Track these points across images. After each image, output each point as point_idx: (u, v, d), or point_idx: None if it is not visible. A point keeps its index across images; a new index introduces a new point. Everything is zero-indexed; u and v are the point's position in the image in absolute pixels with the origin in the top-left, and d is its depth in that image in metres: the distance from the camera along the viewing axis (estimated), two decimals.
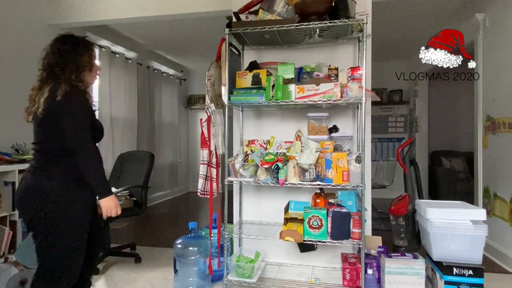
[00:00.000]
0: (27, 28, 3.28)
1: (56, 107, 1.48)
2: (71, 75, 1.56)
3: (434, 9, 3.64)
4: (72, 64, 1.58)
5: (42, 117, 1.50)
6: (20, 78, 3.20)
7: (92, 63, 1.67)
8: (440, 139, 5.87)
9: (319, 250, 2.49)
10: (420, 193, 2.82)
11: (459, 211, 2.00)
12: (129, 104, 4.72)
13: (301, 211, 2.09)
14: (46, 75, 1.60)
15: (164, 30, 4.39)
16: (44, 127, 1.52)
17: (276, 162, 2.12)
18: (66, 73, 1.56)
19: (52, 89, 1.51)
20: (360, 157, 2.03)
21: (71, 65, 1.58)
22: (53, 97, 1.48)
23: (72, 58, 1.59)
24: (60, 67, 1.57)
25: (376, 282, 2.19)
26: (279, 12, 2.26)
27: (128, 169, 3.22)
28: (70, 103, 1.50)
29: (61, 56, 1.59)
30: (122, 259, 2.99)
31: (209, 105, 2.64)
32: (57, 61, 1.59)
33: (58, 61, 1.59)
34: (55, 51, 1.61)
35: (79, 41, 1.66)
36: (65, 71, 1.56)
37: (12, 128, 3.11)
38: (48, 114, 1.49)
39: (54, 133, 1.50)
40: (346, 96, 2.07)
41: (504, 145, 2.82)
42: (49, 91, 1.51)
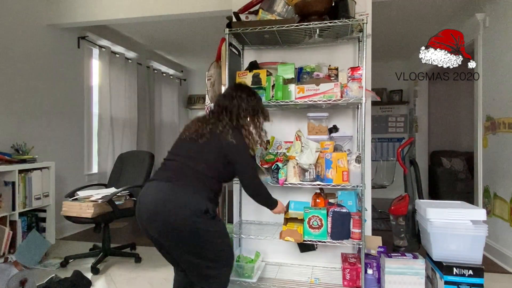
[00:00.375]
0: (26, 28, 3.28)
1: (233, 145, 1.61)
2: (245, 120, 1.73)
3: (434, 9, 3.64)
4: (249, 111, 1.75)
5: (221, 147, 1.61)
6: (20, 78, 3.21)
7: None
8: (440, 139, 5.86)
9: (319, 250, 2.49)
10: (420, 193, 2.82)
11: (459, 211, 2.00)
12: (129, 104, 4.72)
13: (301, 211, 2.09)
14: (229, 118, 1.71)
15: (164, 30, 4.39)
16: (216, 156, 1.61)
17: (276, 162, 2.13)
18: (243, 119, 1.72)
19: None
20: (360, 157, 2.03)
21: (248, 111, 1.74)
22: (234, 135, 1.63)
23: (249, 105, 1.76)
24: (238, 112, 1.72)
25: (376, 282, 2.19)
26: (279, 12, 2.26)
27: (128, 169, 3.22)
28: (245, 145, 1.67)
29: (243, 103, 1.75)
30: (122, 259, 2.99)
31: (209, 105, 2.64)
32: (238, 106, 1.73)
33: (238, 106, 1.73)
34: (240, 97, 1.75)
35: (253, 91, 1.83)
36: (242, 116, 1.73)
37: (12, 128, 3.11)
38: (227, 147, 1.61)
39: (227, 166, 1.63)
40: (346, 96, 2.07)
41: (504, 145, 2.82)
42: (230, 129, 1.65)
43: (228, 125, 1.64)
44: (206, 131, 1.61)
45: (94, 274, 2.64)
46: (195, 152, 1.60)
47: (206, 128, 1.63)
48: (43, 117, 3.44)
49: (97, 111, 4.21)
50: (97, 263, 2.71)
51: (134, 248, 3.20)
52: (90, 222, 2.64)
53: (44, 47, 3.48)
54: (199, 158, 1.59)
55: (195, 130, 1.64)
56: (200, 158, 1.59)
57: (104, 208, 2.68)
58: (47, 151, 3.42)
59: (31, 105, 3.31)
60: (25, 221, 2.93)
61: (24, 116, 3.23)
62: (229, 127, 1.64)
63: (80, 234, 3.78)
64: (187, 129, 1.69)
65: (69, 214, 2.66)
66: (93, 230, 2.84)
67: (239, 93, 1.74)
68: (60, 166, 3.54)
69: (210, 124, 1.64)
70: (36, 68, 3.38)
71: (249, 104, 1.73)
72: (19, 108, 3.18)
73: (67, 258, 2.81)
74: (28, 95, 3.28)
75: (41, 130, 3.41)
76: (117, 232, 3.86)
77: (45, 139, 3.45)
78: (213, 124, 1.64)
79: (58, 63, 3.64)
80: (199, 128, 1.64)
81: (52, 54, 3.57)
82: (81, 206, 2.62)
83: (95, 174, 4.17)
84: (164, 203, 1.49)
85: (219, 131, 1.61)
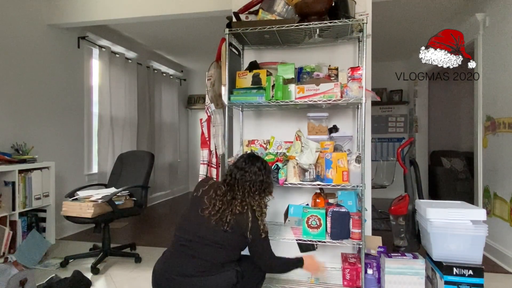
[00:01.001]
0: (26, 28, 3.28)
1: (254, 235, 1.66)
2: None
3: (434, 9, 3.64)
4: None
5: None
6: (20, 78, 3.21)
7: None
8: (440, 139, 5.86)
9: (319, 250, 2.49)
10: (420, 193, 2.82)
11: (459, 211, 2.00)
12: (129, 104, 4.72)
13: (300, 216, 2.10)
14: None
15: (164, 30, 4.39)
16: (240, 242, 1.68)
17: (276, 162, 2.12)
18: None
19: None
20: (360, 157, 2.03)
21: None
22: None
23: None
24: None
25: (376, 282, 2.19)
26: (279, 12, 2.26)
27: (128, 169, 3.22)
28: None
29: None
30: (122, 259, 2.99)
31: (209, 105, 2.64)
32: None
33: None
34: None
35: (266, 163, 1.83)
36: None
37: (12, 128, 3.11)
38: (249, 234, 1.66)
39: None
40: (346, 96, 2.06)
41: (504, 145, 2.82)
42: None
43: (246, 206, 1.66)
44: (227, 215, 1.62)
45: (94, 274, 2.64)
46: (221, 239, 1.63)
47: (226, 209, 1.64)
48: (43, 117, 3.44)
49: (97, 111, 4.21)
50: (97, 263, 2.71)
51: (134, 248, 3.20)
52: (90, 222, 2.64)
53: (44, 47, 3.48)
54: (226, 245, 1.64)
55: (216, 211, 1.64)
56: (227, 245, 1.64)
57: (104, 208, 2.68)
58: (47, 151, 3.42)
59: (31, 105, 3.31)
60: (25, 221, 2.93)
61: (24, 116, 3.23)
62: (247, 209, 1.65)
63: (80, 234, 3.78)
64: (209, 203, 1.67)
65: (69, 214, 2.66)
66: (93, 230, 2.84)
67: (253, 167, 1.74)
68: (60, 166, 3.54)
69: (227, 204, 1.65)
70: (36, 68, 3.38)
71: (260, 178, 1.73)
72: (19, 108, 3.18)
73: (67, 258, 2.81)
74: (28, 95, 3.28)
75: (41, 130, 3.41)
76: (117, 232, 3.86)
77: (45, 139, 3.45)
78: (230, 204, 1.65)
79: (58, 63, 3.64)
80: (221, 210, 1.64)
81: (52, 54, 3.57)
82: (81, 206, 2.62)
83: (95, 174, 4.17)
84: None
85: (240, 215, 1.63)
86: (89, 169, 4.16)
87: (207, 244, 1.62)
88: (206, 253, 1.61)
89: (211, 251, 1.62)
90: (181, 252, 1.64)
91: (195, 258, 1.61)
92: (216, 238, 1.62)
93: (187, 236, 1.66)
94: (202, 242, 1.62)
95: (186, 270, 1.60)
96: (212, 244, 1.62)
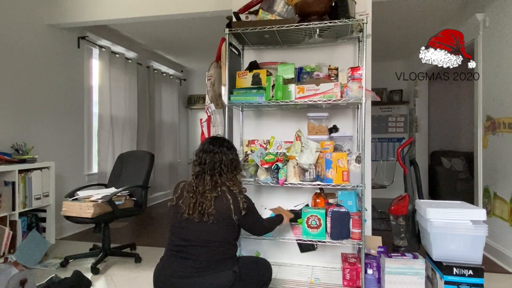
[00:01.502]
0: (26, 28, 3.28)
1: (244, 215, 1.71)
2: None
3: (434, 9, 3.64)
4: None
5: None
6: (20, 78, 3.21)
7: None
8: (440, 139, 5.86)
9: (319, 250, 2.49)
10: (420, 193, 2.82)
11: (459, 211, 2.00)
12: (129, 104, 4.72)
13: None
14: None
15: (164, 30, 4.39)
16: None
17: (276, 162, 2.12)
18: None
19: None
20: (360, 157, 2.03)
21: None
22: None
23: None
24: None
25: (376, 282, 2.19)
26: (279, 12, 2.26)
27: (128, 169, 3.22)
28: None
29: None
30: (122, 259, 2.99)
31: (209, 105, 2.64)
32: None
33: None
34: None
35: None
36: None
37: (12, 128, 3.11)
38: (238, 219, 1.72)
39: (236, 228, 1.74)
40: (346, 96, 2.06)
41: (504, 145, 2.82)
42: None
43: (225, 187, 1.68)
44: (206, 207, 1.62)
45: (94, 274, 2.64)
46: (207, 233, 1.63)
47: (202, 201, 1.64)
48: (43, 117, 3.44)
49: (97, 111, 4.21)
50: (97, 263, 2.71)
51: (134, 248, 3.20)
52: (90, 222, 2.64)
53: (44, 47, 3.48)
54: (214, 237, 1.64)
55: (193, 208, 1.64)
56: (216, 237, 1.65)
57: (104, 208, 2.68)
58: (47, 151, 3.42)
59: (31, 105, 3.31)
60: (25, 221, 2.93)
61: (24, 116, 3.23)
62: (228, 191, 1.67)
63: (80, 234, 3.78)
64: (184, 206, 1.67)
65: (69, 214, 2.66)
66: (93, 230, 2.84)
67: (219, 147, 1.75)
68: (60, 166, 3.54)
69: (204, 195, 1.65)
70: (36, 68, 3.38)
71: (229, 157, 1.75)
72: (19, 108, 3.18)
73: (67, 258, 2.81)
74: (28, 95, 3.28)
75: (41, 130, 3.41)
76: (117, 232, 3.86)
77: (45, 139, 3.45)
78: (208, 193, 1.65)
79: (58, 63, 3.64)
80: (197, 204, 1.64)
81: (52, 54, 3.57)
82: (81, 206, 2.62)
83: (95, 174, 4.17)
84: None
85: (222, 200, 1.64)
86: (89, 169, 4.16)
87: (198, 245, 1.62)
88: (200, 253, 1.61)
89: (204, 251, 1.61)
90: (176, 257, 1.65)
91: (190, 260, 1.61)
92: (204, 237, 1.62)
93: (178, 242, 1.66)
94: (193, 245, 1.62)
95: (183, 270, 1.60)
96: (204, 244, 1.62)
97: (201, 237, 1.62)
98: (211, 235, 1.62)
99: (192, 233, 1.63)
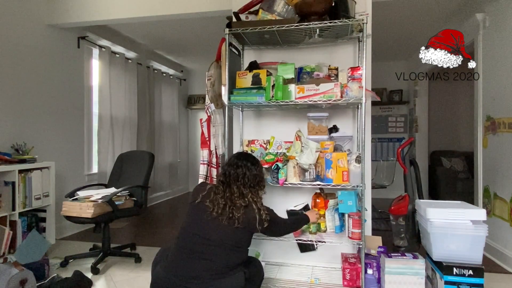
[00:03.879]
0: (26, 28, 3.28)
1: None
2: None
3: (434, 9, 3.64)
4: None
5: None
6: (20, 78, 3.21)
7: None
8: (440, 139, 5.86)
9: (319, 250, 2.49)
10: (420, 193, 2.82)
11: (459, 211, 2.00)
12: (129, 104, 4.72)
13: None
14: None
15: (164, 30, 4.39)
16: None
17: (276, 162, 2.12)
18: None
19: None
20: (360, 157, 2.03)
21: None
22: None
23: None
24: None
25: (376, 282, 2.19)
26: (279, 12, 2.26)
27: (128, 169, 3.22)
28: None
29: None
30: (122, 259, 2.99)
31: (209, 105, 2.64)
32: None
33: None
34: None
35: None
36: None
37: (12, 128, 3.11)
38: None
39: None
40: (346, 96, 2.06)
41: (504, 145, 2.82)
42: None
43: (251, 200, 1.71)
44: (234, 211, 1.65)
45: (94, 274, 2.64)
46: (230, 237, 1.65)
47: (230, 205, 1.67)
48: (43, 117, 3.44)
49: (97, 111, 4.21)
50: (97, 263, 2.71)
51: (134, 248, 3.20)
52: (90, 222, 2.64)
53: (44, 47, 3.48)
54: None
55: (221, 209, 1.66)
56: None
57: (104, 208, 2.68)
58: (47, 151, 3.42)
59: (31, 105, 3.31)
60: (25, 221, 2.93)
61: (24, 116, 3.23)
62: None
63: (80, 234, 3.78)
64: (213, 206, 1.68)
65: (69, 214, 2.66)
66: (93, 230, 2.84)
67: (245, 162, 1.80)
68: (60, 166, 3.54)
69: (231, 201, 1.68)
70: (36, 68, 3.38)
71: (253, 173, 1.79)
72: (19, 108, 3.18)
73: (67, 258, 2.81)
74: (28, 95, 3.28)
75: (41, 130, 3.41)
76: (117, 232, 3.86)
77: (45, 139, 3.45)
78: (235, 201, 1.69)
79: (58, 63, 3.64)
80: (227, 207, 1.67)
81: (52, 54, 3.57)
82: (81, 206, 2.62)
83: (95, 174, 4.17)
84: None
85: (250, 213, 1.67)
86: (89, 169, 4.16)
87: (218, 246, 1.62)
88: (217, 254, 1.61)
89: (223, 253, 1.61)
90: (189, 256, 1.62)
91: (205, 260, 1.60)
92: (227, 240, 1.62)
93: (196, 239, 1.64)
94: (213, 244, 1.62)
95: (194, 272, 1.58)
96: (224, 246, 1.62)
97: (223, 239, 1.62)
98: (233, 239, 1.64)
99: (215, 233, 1.63)
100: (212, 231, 1.64)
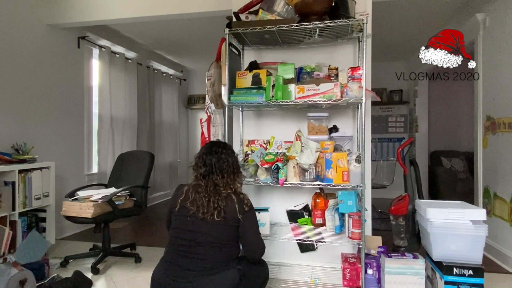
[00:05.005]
0: (26, 28, 3.28)
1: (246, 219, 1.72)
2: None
3: (434, 9, 3.64)
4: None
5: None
6: (20, 78, 3.21)
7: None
8: (440, 139, 5.86)
9: (319, 250, 2.49)
10: (420, 193, 2.82)
11: (459, 211, 2.00)
12: (129, 104, 4.72)
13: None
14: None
15: (164, 30, 4.39)
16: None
17: (276, 162, 2.12)
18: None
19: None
20: (360, 157, 2.03)
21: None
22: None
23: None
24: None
25: (376, 282, 2.19)
26: (279, 12, 2.26)
27: (128, 169, 3.22)
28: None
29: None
30: (122, 259, 2.99)
31: (209, 105, 2.64)
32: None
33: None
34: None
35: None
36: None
37: (12, 128, 3.11)
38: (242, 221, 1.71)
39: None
40: (346, 96, 2.06)
41: (504, 145, 2.82)
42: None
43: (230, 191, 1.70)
44: (218, 203, 1.64)
45: (94, 274, 2.64)
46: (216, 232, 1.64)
47: (215, 199, 1.66)
48: (43, 117, 3.44)
49: (97, 111, 4.21)
50: (97, 263, 2.71)
51: (134, 248, 3.20)
52: (90, 222, 2.64)
53: (44, 47, 3.48)
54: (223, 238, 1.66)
55: (207, 206, 1.65)
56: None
57: (104, 208, 2.68)
58: (47, 151, 3.42)
59: (31, 105, 3.31)
60: (25, 221, 2.93)
61: (24, 116, 3.23)
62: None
63: (80, 234, 3.78)
64: (195, 207, 1.67)
65: (69, 214, 2.66)
66: (93, 230, 2.84)
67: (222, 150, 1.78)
68: (60, 166, 3.54)
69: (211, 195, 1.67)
70: (36, 68, 3.38)
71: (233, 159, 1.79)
72: (19, 108, 3.18)
73: (67, 258, 2.82)
74: (28, 95, 3.28)
75: (41, 130, 3.41)
76: (117, 232, 3.86)
77: (45, 139, 3.45)
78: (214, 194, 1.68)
79: (58, 63, 3.64)
80: (211, 202, 1.65)
81: (52, 54, 3.57)
82: (81, 206, 2.62)
83: (95, 174, 4.17)
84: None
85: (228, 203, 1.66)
86: (89, 169, 4.16)
87: (207, 245, 1.62)
88: (207, 253, 1.62)
89: (212, 250, 1.62)
90: (181, 257, 1.64)
91: (197, 259, 1.61)
92: (213, 237, 1.62)
93: (183, 242, 1.65)
94: (202, 245, 1.63)
95: (189, 268, 1.60)
96: (212, 244, 1.62)
97: (211, 238, 1.63)
98: (218, 235, 1.63)
99: (201, 234, 1.63)
100: (198, 233, 1.64)
